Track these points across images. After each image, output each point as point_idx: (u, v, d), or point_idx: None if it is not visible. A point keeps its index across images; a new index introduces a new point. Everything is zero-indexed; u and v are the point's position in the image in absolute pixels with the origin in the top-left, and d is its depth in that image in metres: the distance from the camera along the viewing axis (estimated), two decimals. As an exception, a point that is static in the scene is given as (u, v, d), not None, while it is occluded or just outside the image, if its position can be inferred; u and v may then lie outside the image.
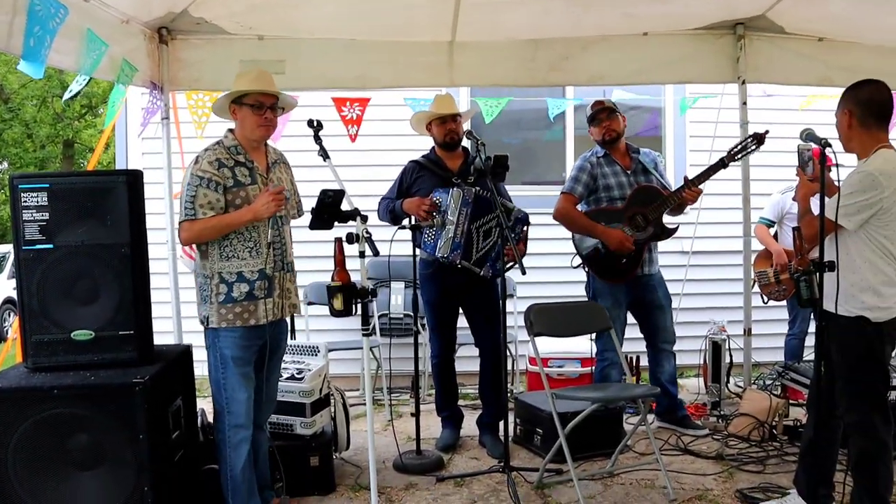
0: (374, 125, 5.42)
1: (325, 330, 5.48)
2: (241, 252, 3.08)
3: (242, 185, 3.08)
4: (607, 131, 4.41)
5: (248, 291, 3.07)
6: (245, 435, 3.10)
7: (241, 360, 3.08)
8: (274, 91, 3.16)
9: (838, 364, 2.95)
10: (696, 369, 5.26)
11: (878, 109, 2.93)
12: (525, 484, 3.72)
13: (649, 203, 4.31)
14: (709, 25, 4.74)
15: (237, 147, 3.13)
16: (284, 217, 3.22)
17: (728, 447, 4.22)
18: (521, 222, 4.05)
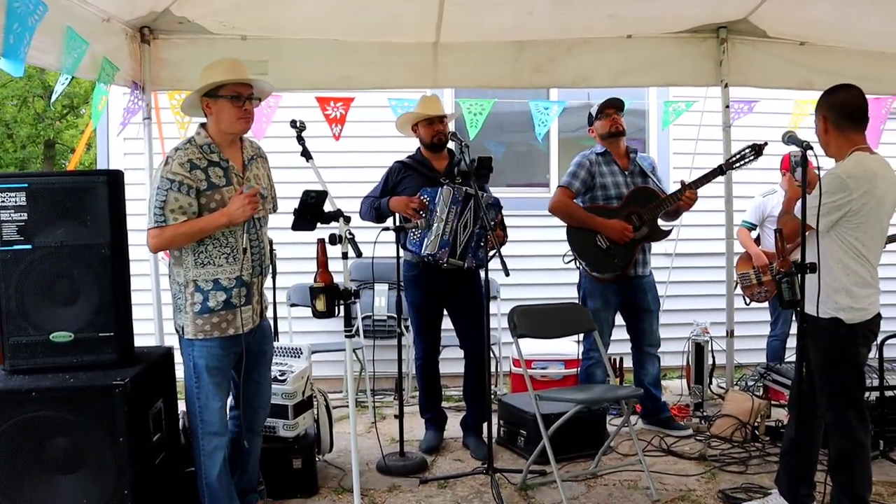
0: (358, 126, 5.40)
1: (309, 332, 5.45)
2: (217, 258, 2.95)
3: (217, 186, 2.93)
4: (614, 124, 4.44)
5: (225, 300, 2.96)
6: (220, 442, 3.03)
7: (216, 371, 2.99)
8: (250, 79, 2.99)
9: (815, 365, 2.99)
10: (680, 370, 5.29)
11: (851, 113, 2.99)
12: (509, 485, 3.72)
13: (646, 203, 4.34)
14: (692, 28, 4.77)
15: (210, 145, 2.96)
16: (262, 219, 3.10)
17: (711, 448, 4.24)
18: (493, 208, 4.04)
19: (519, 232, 5.57)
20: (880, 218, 2.94)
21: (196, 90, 2.97)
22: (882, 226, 2.97)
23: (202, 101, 2.97)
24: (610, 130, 4.45)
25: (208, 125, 3.01)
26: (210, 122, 3.01)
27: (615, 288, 4.47)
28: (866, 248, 2.92)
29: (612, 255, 4.36)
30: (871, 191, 2.89)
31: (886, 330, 4.51)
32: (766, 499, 3.36)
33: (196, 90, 2.97)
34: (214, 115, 2.97)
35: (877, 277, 3.01)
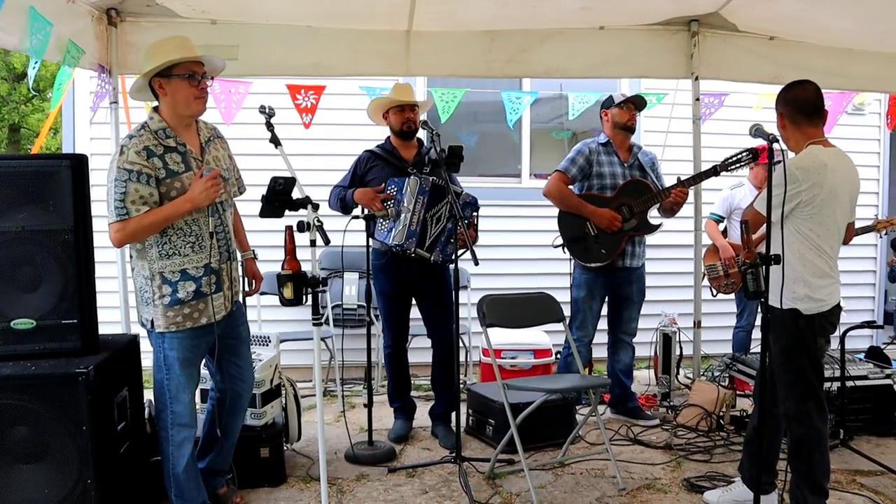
0: (329, 114, 5.36)
1: (278, 321, 5.42)
2: (182, 248, 2.87)
3: (176, 174, 2.83)
4: (632, 118, 4.50)
5: (195, 290, 2.89)
6: (188, 434, 2.99)
7: (187, 363, 2.95)
8: (202, 57, 2.89)
9: (774, 354, 3.05)
10: (648, 361, 5.34)
11: (805, 108, 3.07)
12: (477, 474, 3.73)
13: (638, 196, 4.38)
14: (664, 21, 4.80)
15: (166, 129, 2.85)
16: (226, 202, 3.02)
17: (677, 437, 4.30)
18: (470, 206, 4.05)
19: (490, 222, 5.59)
20: (834, 209, 2.99)
21: (145, 72, 2.84)
22: (837, 217, 3.02)
23: (154, 81, 2.86)
24: (626, 122, 4.50)
25: (162, 108, 2.90)
26: (164, 104, 2.89)
27: (604, 279, 4.51)
28: (821, 239, 2.98)
29: (600, 243, 4.40)
30: (821, 182, 2.95)
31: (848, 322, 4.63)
32: (728, 486, 3.42)
33: (145, 72, 2.84)
34: (169, 95, 2.85)
35: (835, 268, 3.06)
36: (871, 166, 6.77)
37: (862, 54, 5.06)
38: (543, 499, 3.43)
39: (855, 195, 3.13)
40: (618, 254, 4.41)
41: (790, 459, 3.09)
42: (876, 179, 6.79)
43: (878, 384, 4.38)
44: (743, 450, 3.42)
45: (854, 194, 3.13)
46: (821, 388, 3.07)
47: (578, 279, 4.55)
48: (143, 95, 2.97)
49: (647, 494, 3.51)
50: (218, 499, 3.30)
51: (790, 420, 3.05)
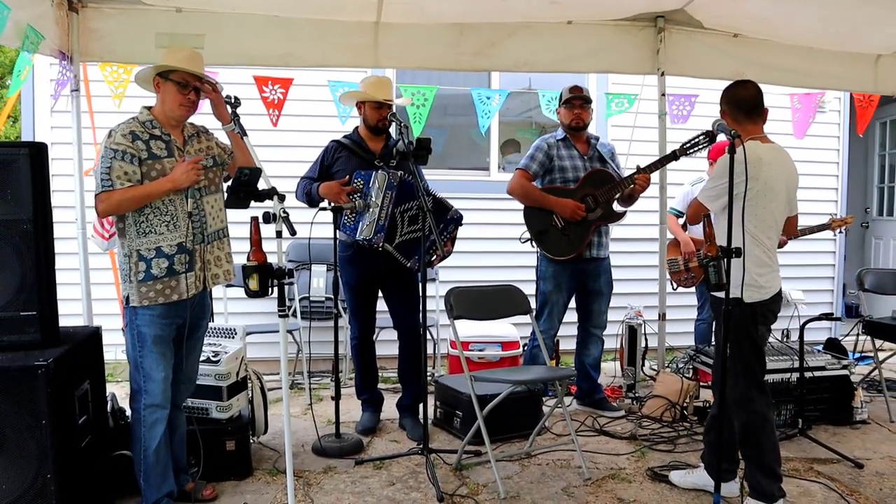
0: (297, 105, 5.31)
1: (245, 313, 5.39)
2: (157, 227, 3.01)
3: (158, 157, 3.02)
4: (577, 119, 4.54)
5: (168, 267, 3.01)
6: (161, 415, 3.05)
7: (159, 339, 3.03)
8: (202, 73, 3.12)
9: (720, 343, 3.14)
10: (614, 353, 5.40)
11: (745, 106, 3.22)
12: (444, 466, 3.75)
13: (601, 186, 4.42)
14: (631, 17, 4.83)
15: (152, 121, 3.07)
16: (205, 188, 3.15)
17: (641, 428, 4.36)
18: (454, 223, 4.08)
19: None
20: (770, 201, 3.09)
21: (154, 66, 3.09)
22: (773, 209, 3.09)
23: (155, 79, 3.09)
24: (571, 124, 4.54)
25: (155, 105, 3.13)
26: (157, 101, 3.12)
27: (570, 271, 4.54)
28: (759, 230, 3.09)
29: (568, 235, 4.43)
30: (755, 175, 3.05)
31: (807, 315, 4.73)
32: (692, 469, 3.48)
33: (154, 66, 3.09)
34: (162, 94, 3.09)
35: (774, 258, 3.18)
36: (830, 163, 6.91)
37: (823, 53, 5.16)
38: (510, 489, 3.45)
39: (793, 189, 3.22)
40: (585, 244, 4.45)
41: (740, 446, 3.20)
42: (835, 176, 6.94)
43: (835, 375, 4.48)
44: (703, 438, 3.50)
45: (792, 188, 3.22)
46: (762, 374, 3.17)
47: (545, 272, 4.58)
48: (145, 85, 3.17)
49: (611, 484, 3.56)
50: (186, 495, 3.28)
51: (735, 406, 3.15)
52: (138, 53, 4.19)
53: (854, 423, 4.46)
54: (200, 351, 3.39)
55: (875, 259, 8.13)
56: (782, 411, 4.31)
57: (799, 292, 6.73)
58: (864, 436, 4.29)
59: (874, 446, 4.11)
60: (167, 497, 3.10)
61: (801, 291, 6.76)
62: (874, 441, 4.20)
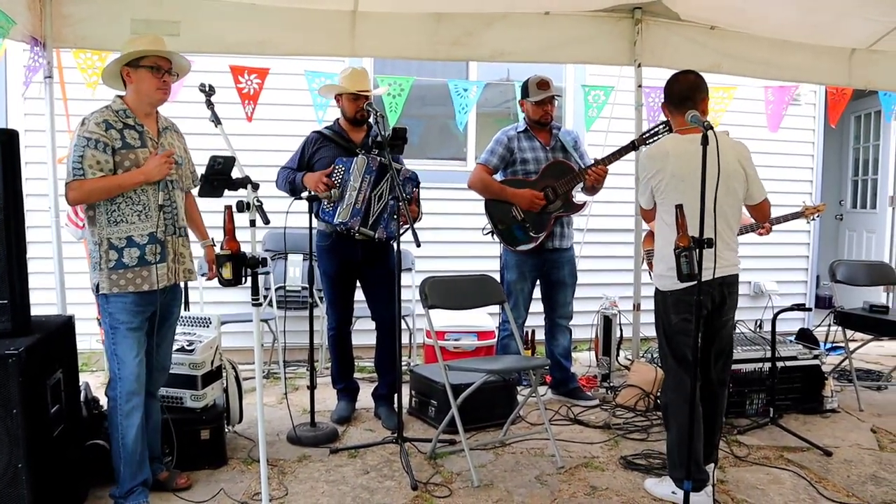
0: (273, 94, 5.28)
1: (221, 302, 5.36)
2: (129, 216, 3.01)
3: (132, 147, 3.02)
4: (545, 115, 4.54)
5: (139, 256, 3.02)
6: (137, 402, 3.06)
7: (132, 325, 3.03)
8: (169, 53, 3.10)
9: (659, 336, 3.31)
10: (589, 343, 5.45)
11: (673, 98, 3.28)
12: (418, 454, 3.77)
13: (560, 177, 4.43)
14: (608, 8, 4.84)
15: (126, 111, 3.06)
16: (175, 182, 3.16)
17: (615, 417, 4.40)
18: (411, 182, 4.05)
19: (435, 204, 5.61)
20: (682, 192, 3.07)
21: (117, 59, 3.07)
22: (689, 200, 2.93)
23: (123, 70, 3.08)
24: (539, 120, 4.55)
25: (127, 95, 3.11)
26: (129, 91, 3.11)
27: (533, 261, 4.56)
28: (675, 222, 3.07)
29: (529, 227, 4.45)
30: (664, 169, 3.16)
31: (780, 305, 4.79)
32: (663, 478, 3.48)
33: (117, 59, 3.07)
34: (134, 83, 3.08)
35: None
36: (805, 155, 6.99)
37: (798, 46, 5.21)
38: (483, 477, 3.48)
39: (732, 177, 3.15)
40: (547, 235, 4.47)
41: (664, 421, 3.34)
42: (810, 168, 7.02)
43: (806, 364, 4.55)
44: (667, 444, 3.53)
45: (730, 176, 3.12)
46: (680, 363, 3.19)
47: (508, 261, 4.61)
48: (114, 83, 3.16)
49: (584, 472, 3.59)
50: (161, 484, 3.29)
51: (663, 387, 3.30)
52: (112, 40, 4.13)
53: (824, 411, 4.53)
54: (173, 339, 3.38)
55: (848, 251, 8.24)
56: (754, 400, 4.38)
57: (773, 283, 6.83)
58: (833, 424, 4.36)
59: (843, 434, 4.18)
60: (142, 485, 3.11)
61: (774, 282, 6.85)
62: (843, 429, 4.27)
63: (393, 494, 3.30)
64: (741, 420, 4.28)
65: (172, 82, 3.17)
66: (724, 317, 3.24)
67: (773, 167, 6.40)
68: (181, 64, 3.20)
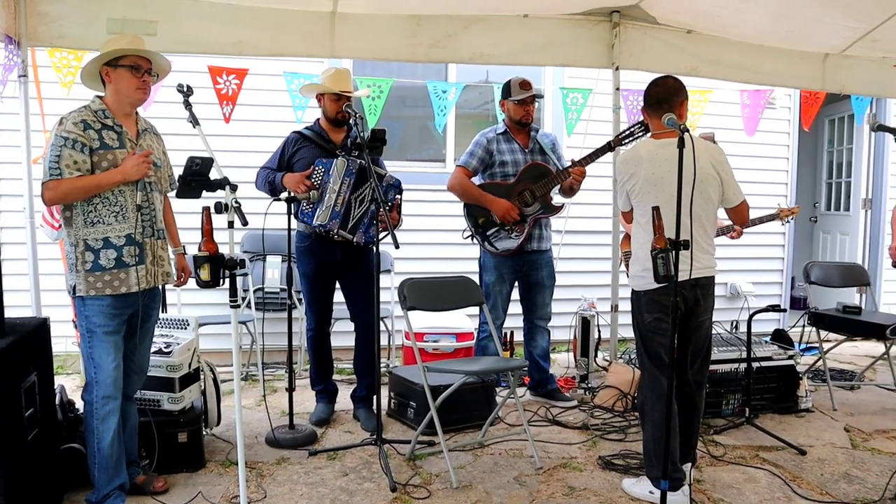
0: (252, 95, 5.26)
1: (199, 304, 5.33)
2: (106, 217, 2.98)
3: (110, 147, 2.98)
4: (527, 115, 4.56)
5: (116, 258, 2.99)
6: (113, 406, 3.02)
7: (109, 329, 2.99)
8: (149, 53, 3.08)
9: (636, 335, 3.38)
10: (568, 344, 5.48)
11: (650, 101, 3.34)
12: (397, 456, 3.77)
13: (538, 180, 4.45)
14: (587, 11, 4.89)
15: (105, 111, 3.03)
16: (154, 184, 3.14)
17: (593, 417, 4.43)
18: (394, 189, 4.06)
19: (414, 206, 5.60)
20: (656, 196, 3.14)
21: (96, 58, 3.04)
22: (662, 203, 2.98)
23: (102, 70, 3.05)
24: (521, 119, 4.56)
25: (106, 95, 3.08)
26: (108, 91, 3.07)
27: (512, 263, 4.58)
28: (650, 223, 3.08)
29: (508, 230, 4.47)
30: (637, 173, 3.23)
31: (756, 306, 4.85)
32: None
33: (96, 58, 3.04)
34: (113, 83, 3.05)
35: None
36: (780, 158, 7.08)
37: (773, 51, 5.29)
38: (462, 479, 3.49)
39: (706, 181, 3.16)
40: (526, 237, 4.50)
41: (640, 416, 3.39)
42: (785, 171, 7.11)
43: (781, 365, 4.61)
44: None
45: (704, 180, 3.13)
46: (655, 362, 3.24)
47: (487, 263, 4.62)
48: (93, 83, 3.13)
49: (563, 473, 3.61)
50: (138, 487, 3.26)
51: (638, 387, 3.36)
52: (89, 39, 4.10)
53: (799, 411, 4.60)
54: (151, 341, 3.35)
55: (822, 253, 8.36)
56: (730, 400, 4.43)
57: (748, 284, 6.90)
58: (807, 423, 4.42)
59: (817, 433, 4.24)
60: (119, 490, 3.08)
61: (750, 283, 6.93)
62: (817, 428, 4.33)
63: (372, 496, 3.30)
64: (717, 420, 4.33)
65: (153, 83, 3.14)
66: (699, 318, 3.28)
67: (749, 170, 6.50)
68: (161, 64, 3.17)
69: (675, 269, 2.78)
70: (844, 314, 4.99)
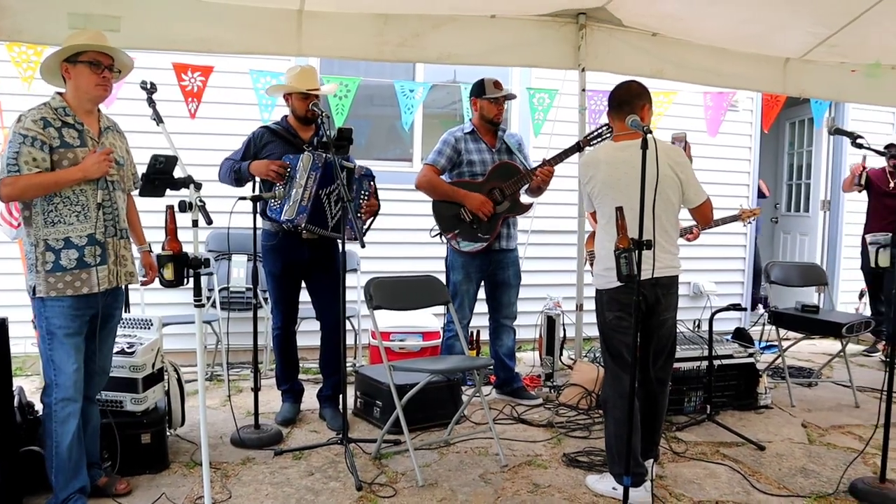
0: (217, 93, 5.22)
1: (163, 304, 5.27)
2: (67, 216, 2.93)
3: (71, 146, 2.93)
4: (499, 114, 4.60)
5: (78, 258, 2.94)
6: (73, 409, 2.97)
7: (69, 331, 2.94)
8: (110, 49, 3.02)
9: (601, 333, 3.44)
10: (533, 343, 5.52)
11: (612, 103, 3.41)
12: (363, 455, 3.77)
13: (507, 178, 4.48)
14: (553, 13, 4.92)
15: (66, 108, 2.97)
16: (116, 182, 3.09)
17: (558, 415, 4.47)
18: (367, 178, 4.06)
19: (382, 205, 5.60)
20: (614, 198, 3.22)
21: (55, 53, 2.99)
22: (619, 204, 2.99)
23: (62, 66, 3.00)
24: (493, 118, 4.59)
25: (66, 92, 3.03)
26: (68, 87, 3.02)
27: (479, 262, 4.60)
28: (609, 224, 3.22)
29: (477, 228, 4.49)
30: (595, 176, 3.34)
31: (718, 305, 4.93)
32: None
33: (55, 53, 2.99)
34: (73, 79, 3.00)
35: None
36: (743, 160, 7.22)
37: (736, 54, 5.38)
38: (428, 477, 3.50)
39: (665, 182, 3.14)
40: (495, 236, 4.53)
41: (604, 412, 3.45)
42: (747, 173, 7.24)
43: (742, 363, 4.70)
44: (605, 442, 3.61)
45: (664, 181, 3.09)
46: (617, 359, 3.30)
47: (454, 262, 4.64)
48: (52, 79, 3.08)
49: (527, 470, 3.65)
50: (100, 490, 3.22)
51: (602, 383, 3.39)
52: (49, 34, 4.01)
53: (758, 408, 4.70)
54: (114, 341, 3.31)
55: (783, 253, 8.54)
56: (692, 398, 4.50)
57: (711, 284, 7.02)
58: (767, 420, 4.51)
59: (776, 429, 4.33)
60: (79, 493, 3.03)
61: (713, 283, 7.04)
62: (776, 425, 4.43)
63: (338, 495, 3.30)
64: (679, 417, 4.40)
65: (115, 80, 3.10)
66: (661, 316, 3.33)
67: (711, 171, 6.61)
68: (123, 61, 3.12)
69: (638, 269, 2.83)
70: (803, 313, 5.10)
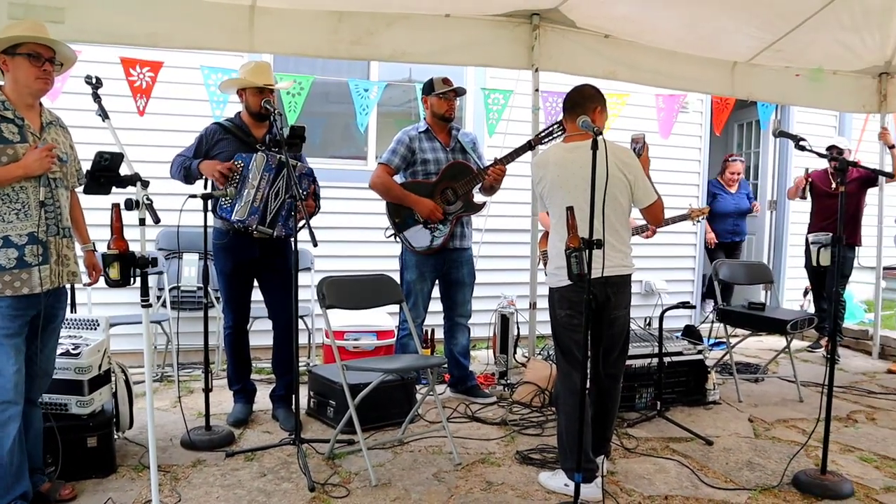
0: (166, 88, 5.12)
1: (110, 304, 5.15)
2: (6, 214, 2.84)
3: (10, 142, 2.84)
4: (450, 109, 4.59)
5: (17, 257, 2.84)
6: (14, 412, 2.87)
7: (9, 332, 2.85)
8: (51, 41, 2.94)
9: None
10: (487, 341, 5.54)
11: (565, 105, 3.49)
12: (317, 455, 3.74)
13: (460, 178, 4.49)
14: (507, 13, 4.95)
15: (4, 103, 2.88)
16: (59, 179, 3.01)
17: (512, 413, 4.50)
18: (307, 177, 4.03)
19: (336, 203, 5.58)
20: (563, 197, 3.28)
21: None
22: (569, 203, 3.06)
23: (0, 57, 2.92)
24: (444, 114, 4.59)
25: (5, 85, 2.94)
26: (7, 80, 2.94)
27: (433, 261, 4.60)
28: (560, 224, 3.31)
29: (430, 228, 4.49)
30: (545, 176, 3.39)
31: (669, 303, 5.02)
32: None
33: None
34: (11, 72, 2.92)
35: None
36: (692, 160, 7.35)
37: (686, 57, 5.49)
38: (381, 476, 3.49)
39: (615, 182, 3.22)
40: (448, 236, 4.54)
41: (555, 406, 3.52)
42: (696, 172, 7.38)
43: (691, 359, 4.80)
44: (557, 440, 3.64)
45: (614, 182, 3.20)
46: (568, 355, 3.35)
47: (408, 261, 4.63)
48: None
49: (481, 468, 3.66)
50: (42, 496, 3.12)
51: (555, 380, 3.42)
52: (-12, 26, 3.91)
53: (707, 403, 4.79)
54: (57, 342, 3.22)
55: (732, 251, 8.70)
56: (643, 395, 4.57)
57: (662, 282, 7.14)
58: (715, 415, 4.61)
59: (724, 424, 4.43)
60: (20, 499, 2.94)
61: (664, 281, 7.16)
62: (724, 420, 4.52)
63: (290, 496, 3.27)
64: (631, 413, 4.47)
65: (57, 73, 3.01)
66: (612, 314, 3.37)
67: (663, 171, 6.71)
68: (66, 53, 3.04)
69: (589, 268, 2.86)
70: (749, 310, 5.22)
